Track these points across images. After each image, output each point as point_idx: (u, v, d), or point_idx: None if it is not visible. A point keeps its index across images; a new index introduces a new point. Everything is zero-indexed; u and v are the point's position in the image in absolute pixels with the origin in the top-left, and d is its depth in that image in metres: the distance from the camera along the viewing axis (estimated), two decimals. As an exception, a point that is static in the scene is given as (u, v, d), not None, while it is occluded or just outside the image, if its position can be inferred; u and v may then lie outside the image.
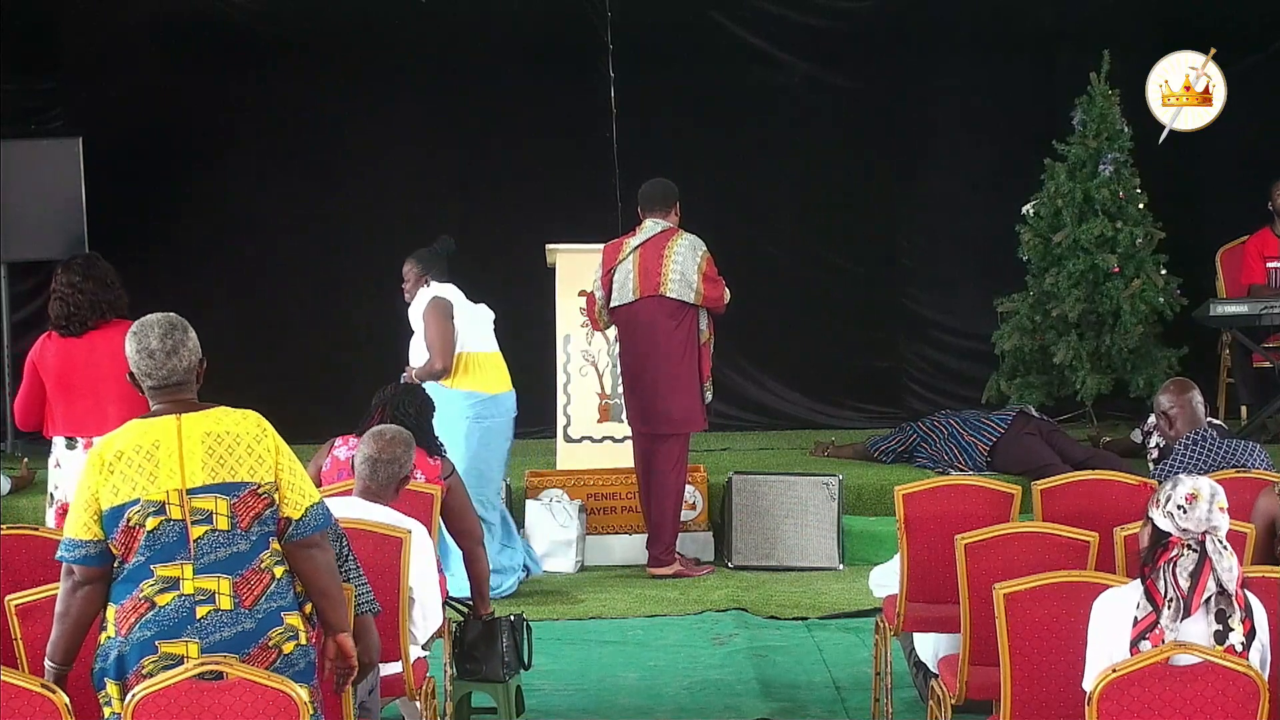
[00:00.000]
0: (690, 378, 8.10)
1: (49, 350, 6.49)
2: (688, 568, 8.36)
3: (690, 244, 8.07)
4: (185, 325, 4.18)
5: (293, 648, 4.06)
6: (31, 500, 8.60)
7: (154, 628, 3.97)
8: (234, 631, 3.98)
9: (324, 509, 4.16)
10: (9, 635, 4.46)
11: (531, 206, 10.38)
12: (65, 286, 6.47)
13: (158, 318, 4.17)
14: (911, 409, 10.57)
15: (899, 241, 10.97)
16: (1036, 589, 4.53)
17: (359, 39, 10.55)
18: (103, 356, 6.35)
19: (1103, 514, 5.68)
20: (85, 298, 6.43)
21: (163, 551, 3.99)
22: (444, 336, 7.84)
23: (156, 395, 4.13)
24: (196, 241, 10.37)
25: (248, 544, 4.03)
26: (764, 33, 10.77)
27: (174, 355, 4.11)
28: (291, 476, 4.10)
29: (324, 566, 4.14)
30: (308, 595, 4.15)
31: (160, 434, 4.04)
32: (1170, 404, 6.54)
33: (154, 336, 4.12)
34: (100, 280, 6.47)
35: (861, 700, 6.35)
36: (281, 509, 4.07)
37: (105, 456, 4.04)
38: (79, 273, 6.49)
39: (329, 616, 4.18)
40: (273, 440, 4.10)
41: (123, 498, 3.99)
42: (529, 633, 6.05)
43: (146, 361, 4.10)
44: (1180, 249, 9.73)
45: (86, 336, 6.42)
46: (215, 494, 4.00)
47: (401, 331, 10.46)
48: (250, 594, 4.01)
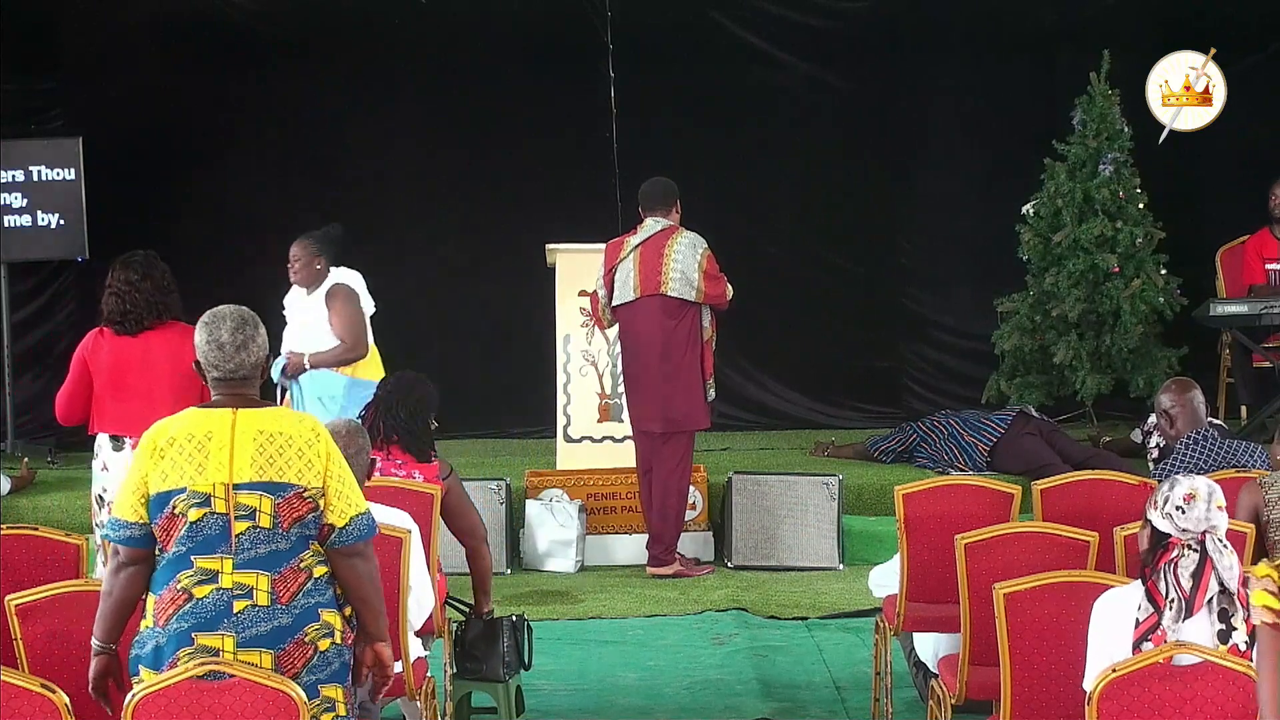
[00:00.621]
0: (693, 376, 8.09)
1: (102, 347, 6.44)
2: (688, 568, 8.36)
3: (690, 242, 8.07)
4: (257, 321, 4.20)
5: (328, 645, 4.06)
6: (32, 500, 8.61)
7: (191, 619, 3.98)
8: (270, 626, 3.99)
9: (369, 519, 4.16)
10: (9, 635, 4.46)
11: (531, 206, 10.38)
12: (123, 284, 6.41)
13: (231, 310, 4.21)
14: (911, 409, 10.56)
15: (899, 241, 10.97)
16: (1036, 589, 4.53)
17: (359, 39, 10.55)
18: (159, 357, 6.32)
19: (1103, 514, 5.69)
20: (143, 296, 6.39)
21: (204, 544, 4.00)
22: (359, 322, 7.59)
23: (219, 386, 4.15)
24: (196, 241, 10.36)
25: (287, 544, 4.03)
26: (764, 33, 10.77)
27: (243, 350, 4.14)
28: (340, 485, 4.10)
29: (365, 575, 4.15)
30: (349, 602, 4.16)
31: (214, 425, 4.06)
32: (1171, 403, 6.54)
33: (225, 329, 4.14)
34: (158, 280, 6.43)
35: (861, 700, 6.35)
36: (326, 515, 4.08)
37: (158, 441, 4.06)
38: (138, 271, 6.44)
39: (368, 625, 4.19)
40: (325, 446, 4.10)
41: (170, 484, 4.01)
42: (529, 633, 6.05)
43: (215, 353, 4.13)
44: (1180, 249, 9.73)
45: (142, 336, 6.38)
46: (260, 491, 4.01)
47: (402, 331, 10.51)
48: (288, 590, 4.02)
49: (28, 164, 9.68)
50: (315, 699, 4.01)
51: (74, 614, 4.42)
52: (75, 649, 4.36)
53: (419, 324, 10.62)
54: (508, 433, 10.64)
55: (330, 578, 4.12)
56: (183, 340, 6.28)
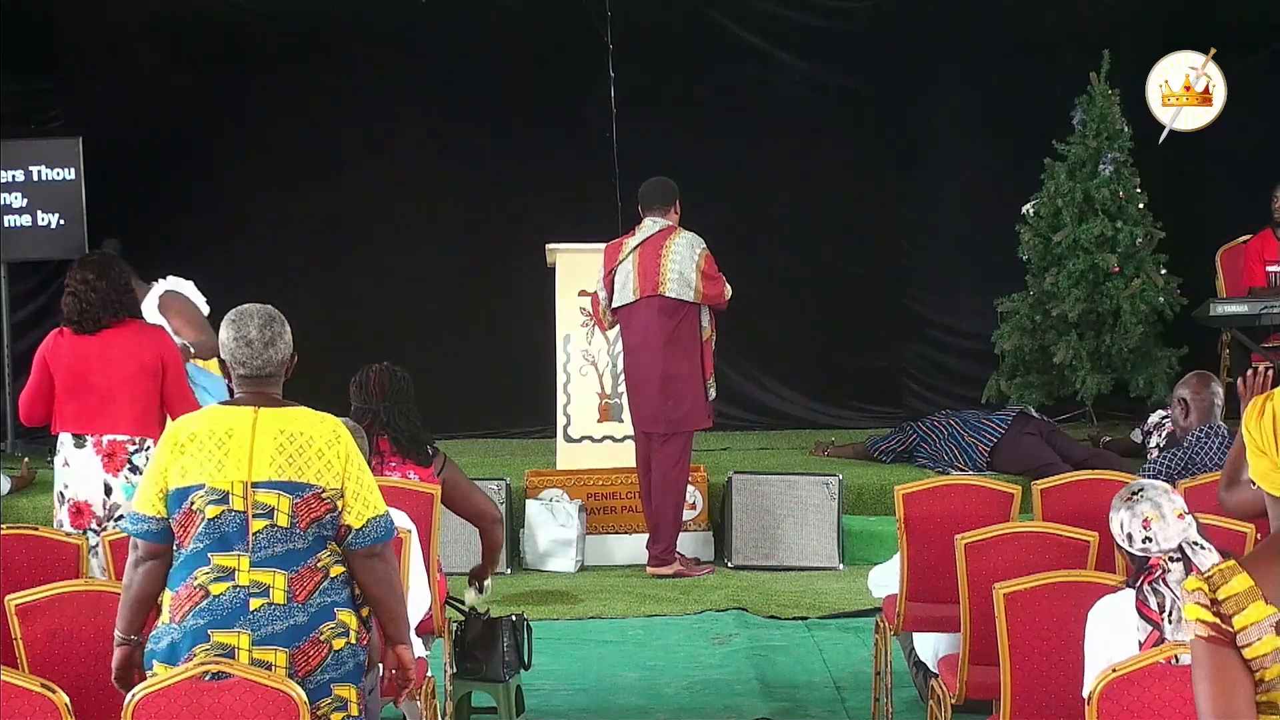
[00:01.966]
0: (693, 376, 8.09)
1: (61, 346, 6.46)
2: (688, 568, 8.35)
3: (688, 242, 8.06)
4: (282, 318, 4.21)
5: (343, 644, 4.06)
6: (31, 500, 8.60)
7: (207, 616, 3.98)
8: (286, 625, 3.99)
9: (387, 521, 4.15)
10: (9, 635, 4.46)
11: (531, 206, 10.39)
12: (80, 284, 6.42)
13: (256, 308, 4.20)
14: (911, 409, 10.57)
15: (899, 241, 10.97)
16: (1036, 589, 4.53)
17: (359, 38, 10.55)
18: (117, 356, 6.33)
19: (1103, 514, 5.60)
20: (99, 296, 6.40)
21: (222, 541, 4.00)
22: (200, 315, 7.33)
23: (244, 384, 4.15)
24: (196, 241, 10.36)
25: (304, 543, 4.03)
26: (764, 32, 10.78)
27: (271, 346, 4.14)
28: (358, 486, 4.09)
29: (382, 577, 4.14)
30: (366, 602, 4.16)
31: (235, 423, 4.06)
32: (1192, 394, 6.56)
33: (254, 326, 4.14)
34: (115, 279, 6.44)
35: (861, 700, 6.35)
36: (343, 517, 4.07)
37: (179, 437, 4.06)
38: (94, 270, 6.44)
39: (387, 628, 4.20)
40: (345, 448, 4.09)
41: (190, 480, 4.01)
42: (529, 633, 6.05)
43: (244, 350, 4.13)
44: (1180, 249, 9.74)
45: (100, 335, 6.38)
46: (279, 490, 4.01)
47: (402, 330, 10.51)
48: (304, 589, 4.02)
49: (28, 164, 9.68)
50: (328, 698, 4.01)
51: (74, 614, 4.42)
52: (75, 649, 4.37)
53: (419, 324, 10.63)
54: (508, 433, 10.65)
55: (347, 578, 4.11)
56: (140, 338, 6.34)
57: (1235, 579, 3.03)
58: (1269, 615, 2.99)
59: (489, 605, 6.17)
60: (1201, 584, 3.02)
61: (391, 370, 6.17)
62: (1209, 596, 2.99)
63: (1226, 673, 2.95)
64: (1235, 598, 3.01)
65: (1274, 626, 2.99)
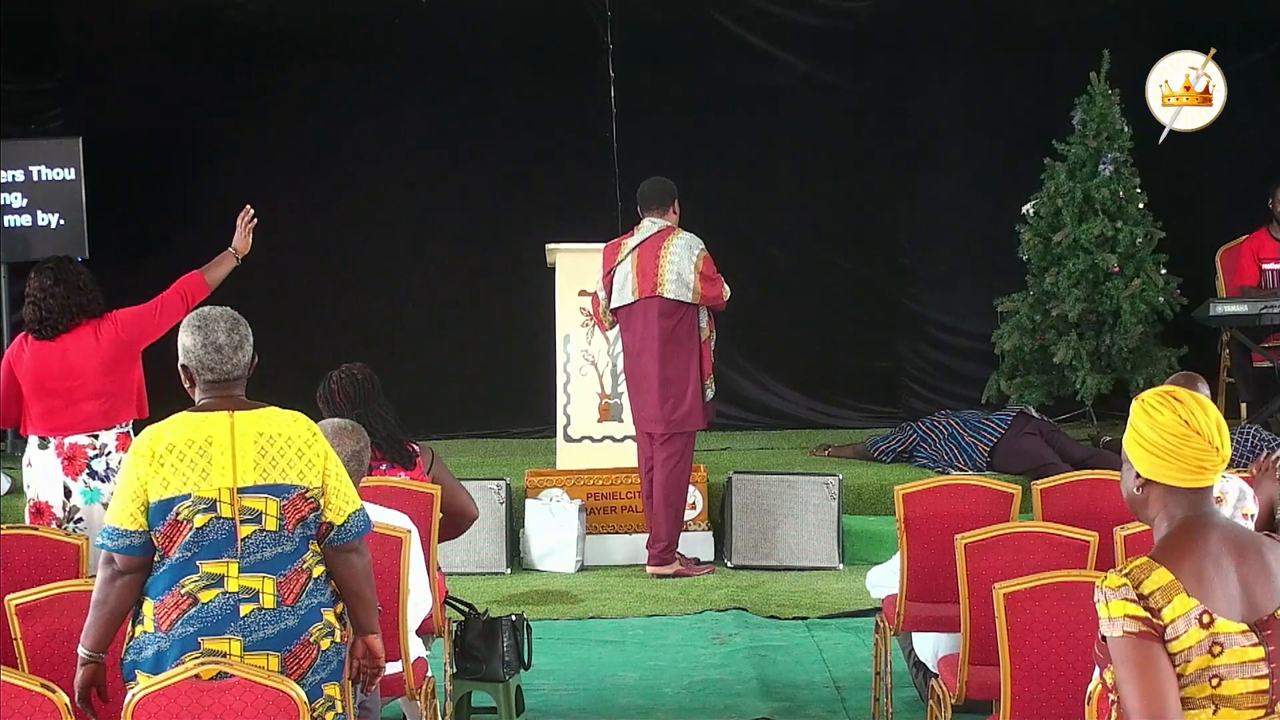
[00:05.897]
0: (692, 376, 8.10)
1: (24, 352, 6.56)
2: (688, 567, 8.36)
3: (686, 243, 8.06)
4: (244, 320, 4.20)
5: (329, 644, 4.09)
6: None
7: (197, 624, 3.98)
8: (277, 629, 4.00)
9: (364, 516, 4.18)
10: (9, 635, 4.46)
11: (531, 206, 10.39)
12: (38, 291, 6.56)
13: (219, 311, 4.18)
14: (911, 409, 10.56)
15: (899, 241, 10.97)
16: (1036, 589, 4.53)
17: (359, 38, 10.54)
18: (76, 358, 6.46)
19: (1103, 514, 5.68)
20: (56, 301, 6.51)
21: (210, 548, 4.00)
22: None
23: (211, 389, 4.13)
24: (197, 241, 10.32)
25: (292, 545, 4.05)
26: (764, 32, 10.77)
27: (239, 350, 4.14)
28: (337, 482, 4.12)
29: (361, 570, 4.18)
30: (342, 596, 4.17)
31: (213, 430, 4.04)
32: None
33: (221, 331, 4.12)
34: (71, 283, 6.54)
35: (861, 700, 6.35)
36: (325, 514, 4.09)
37: (155, 448, 4.02)
38: (51, 277, 6.57)
39: (361, 618, 4.22)
40: (322, 445, 4.11)
41: (173, 491, 3.99)
42: (529, 633, 6.06)
43: (212, 356, 4.10)
44: (1180, 249, 9.73)
45: (59, 340, 6.50)
46: (266, 495, 4.01)
47: (402, 330, 10.51)
48: (292, 592, 4.03)
49: (28, 164, 9.67)
50: (319, 699, 4.02)
51: (74, 614, 4.41)
52: (75, 649, 4.34)
53: (419, 323, 10.63)
54: (508, 432, 10.64)
55: (327, 577, 4.13)
56: (96, 336, 6.49)
57: (1155, 573, 3.03)
58: (1192, 608, 2.98)
59: (489, 605, 6.16)
60: (1125, 580, 3.01)
61: (351, 375, 6.11)
62: (1135, 592, 2.99)
63: (1155, 669, 2.94)
64: (1160, 591, 3.00)
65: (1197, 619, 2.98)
